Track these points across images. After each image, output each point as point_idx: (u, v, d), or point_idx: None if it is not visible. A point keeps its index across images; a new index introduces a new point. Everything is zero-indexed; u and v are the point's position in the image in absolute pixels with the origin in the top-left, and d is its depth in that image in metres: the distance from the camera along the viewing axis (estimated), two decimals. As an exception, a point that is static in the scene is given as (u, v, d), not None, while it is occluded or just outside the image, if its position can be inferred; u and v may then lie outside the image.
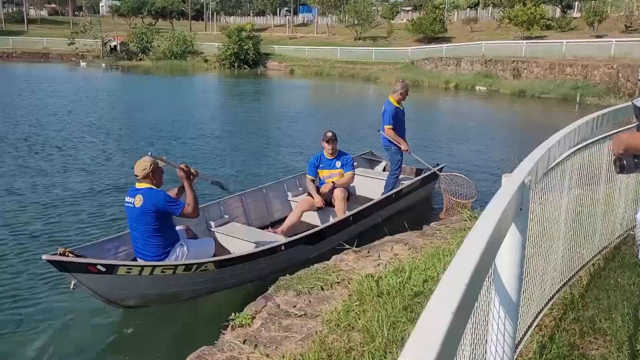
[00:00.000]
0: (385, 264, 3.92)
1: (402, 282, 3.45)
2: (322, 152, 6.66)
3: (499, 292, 1.64)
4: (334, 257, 4.25)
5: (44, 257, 3.81)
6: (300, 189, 7.20)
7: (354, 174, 6.69)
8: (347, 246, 4.49)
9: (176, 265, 4.28)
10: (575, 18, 36.95)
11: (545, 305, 2.87)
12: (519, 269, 1.68)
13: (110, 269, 4.01)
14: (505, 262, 1.62)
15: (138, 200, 4.27)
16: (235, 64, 40.74)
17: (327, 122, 16.62)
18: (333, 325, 3.08)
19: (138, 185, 4.39)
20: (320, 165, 6.60)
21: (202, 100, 23.20)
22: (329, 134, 6.52)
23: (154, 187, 4.38)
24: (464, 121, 17.66)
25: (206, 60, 44.03)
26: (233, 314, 3.42)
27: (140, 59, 46.23)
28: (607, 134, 3.27)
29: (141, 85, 29.59)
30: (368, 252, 4.28)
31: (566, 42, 27.87)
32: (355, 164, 7.08)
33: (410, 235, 4.66)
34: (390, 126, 7.03)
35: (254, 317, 3.31)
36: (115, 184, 8.68)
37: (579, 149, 2.98)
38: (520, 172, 1.66)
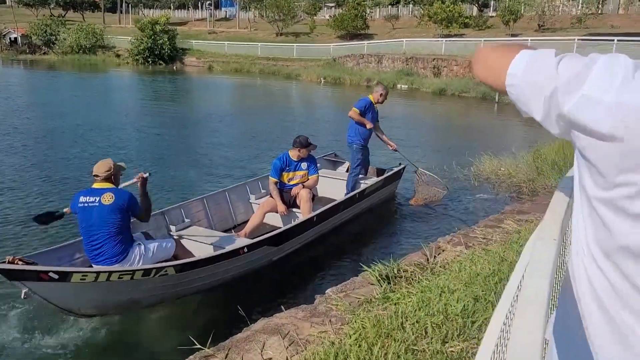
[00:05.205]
0: (248, 382, 2.75)
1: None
2: (287, 153, 6.38)
3: None
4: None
5: None
6: (264, 191, 7.02)
7: (319, 176, 6.65)
8: (197, 345, 3.16)
9: (134, 271, 4.09)
10: (491, 17, 37.68)
11: None
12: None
13: (64, 276, 3.78)
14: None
15: (108, 198, 4.19)
16: (150, 60, 38.31)
17: (251, 126, 15.40)
18: None
19: (99, 185, 4.31)
20: (287, 168, 6.33)
21: (111, 99, 21.09)
22: (304, 141, 6.28)
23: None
24: (387, 123, 16.90)
25: (118, 55, 41.20)
26: None
27: (44, 53, 42.66)
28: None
29: (43, 82, 26.78)
30: (226, 356, 2.99)
31: (484, 40, 28.08)
32: (318, 165, 7.06)
33: (295, 317, 3.40)
34: (358, 110, 7.18)
35: None
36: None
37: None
38: None
